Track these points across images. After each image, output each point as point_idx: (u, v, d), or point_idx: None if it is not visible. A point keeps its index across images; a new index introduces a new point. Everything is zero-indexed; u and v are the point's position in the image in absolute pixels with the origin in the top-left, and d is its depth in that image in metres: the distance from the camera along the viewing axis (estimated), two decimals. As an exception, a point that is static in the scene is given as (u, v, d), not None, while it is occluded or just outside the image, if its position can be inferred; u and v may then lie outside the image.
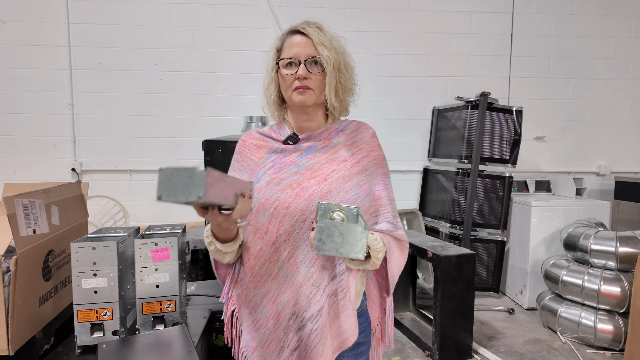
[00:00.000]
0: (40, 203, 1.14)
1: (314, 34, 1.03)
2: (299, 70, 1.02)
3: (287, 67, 1.04)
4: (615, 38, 3.86)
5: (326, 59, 1.02)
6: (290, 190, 1.02)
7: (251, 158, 1.13)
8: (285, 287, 1.02)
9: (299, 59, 1.03)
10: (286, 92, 1.07)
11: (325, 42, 1.03)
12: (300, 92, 1.04)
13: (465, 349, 2.48)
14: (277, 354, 1.03)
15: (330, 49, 1.03)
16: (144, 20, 3.45)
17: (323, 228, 0.85)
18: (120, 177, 3.54)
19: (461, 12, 3.72)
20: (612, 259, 2.61)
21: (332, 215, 0.94)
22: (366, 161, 1.10)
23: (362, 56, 3.57)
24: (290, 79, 1.04)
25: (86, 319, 1.12)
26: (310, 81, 1.03)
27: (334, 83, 1.04)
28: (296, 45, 1.03)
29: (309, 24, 1.05)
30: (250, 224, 1.05)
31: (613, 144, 3.96)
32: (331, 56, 1.02)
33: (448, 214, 3.53)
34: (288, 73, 1.04)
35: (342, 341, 1.03)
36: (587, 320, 2.63)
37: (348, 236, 0.85)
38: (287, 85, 1.05)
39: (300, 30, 1.05)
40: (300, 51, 1.03)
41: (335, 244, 0.86)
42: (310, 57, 1.03)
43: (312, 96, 1.05)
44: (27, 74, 3.40)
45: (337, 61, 1.04)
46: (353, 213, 0.94)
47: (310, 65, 1.03)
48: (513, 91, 3.83)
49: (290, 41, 1.05)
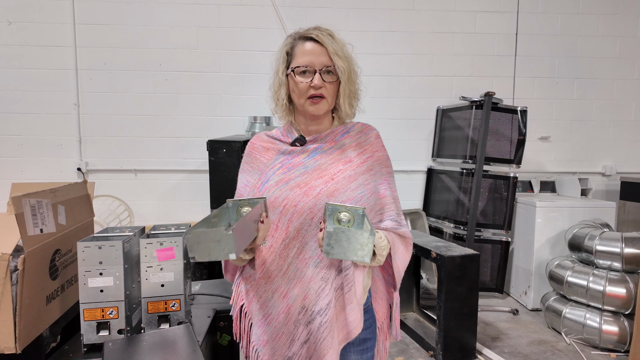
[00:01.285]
0: (47, 203, 1.15)
1: (329, 43, 1.05)
2: (315, 80, 1.05)
3: (301, 74, 1.07)
4: (621, 37, 3.83)
5: (341, 70, 1.05)
6: (298, 190, 1.06)
7: (260, 160, 1.16)
8: (295, 282, 1.05)
9: (314, 68, 1.05)
10: (299, 99, 1.09)
11: (339, 52, 1.06)
12: (314, 102, 1.07)
13: (469, 350, 2.47)
14: (288, 347, 1.06)
15: (343, 58, 1.06)
16: (149, 21, 3.47)
17: (332, 233, 0.87)
18: (125, 177, 3.57)
19: (466, 11, 3.71)
20: (617, 260, 2.59)
21: (339, 215, 0.98)
22: (371, 161, 1.14)
23: (366, 56, 3.57)
24: (304, 86, 1.06)
25: (92, 318, 1.13)
26: (324, 90, 1.06)
27: (348, 92, 1.08)
28: (310, 53, 1.06)
29: (322, 31, 1.07)
30: None
31: (619, 144, 3.94)
32: (345, 66, 1.06)
33: (452, 214, 3.52)
34: (302, 81, 1.06)
35: (348, 333, 1.06)
36: (592, 322, 2.61)
37: (355, 241, 0.88)
38: (301, 92, 1.07)
39: (314, 37, 1.06)
40: (315, 60, 1.05)
41: (343, 248, 0.88)
42: (325, 67, 1.05)
43: (325, 105, 1.09)
44: (34, 75, 3.42)
45: (349, 70, 1.07)
46: (359, 213, 0.98)
47: (324, 75, 1.06)
48: (518, 91, 3.82)
49: (303, 48, 1.07)
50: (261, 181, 1.11)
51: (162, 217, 3.59)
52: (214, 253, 0.78)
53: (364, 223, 0.96)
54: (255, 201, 1.03)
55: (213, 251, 0.78)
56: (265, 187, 1.09)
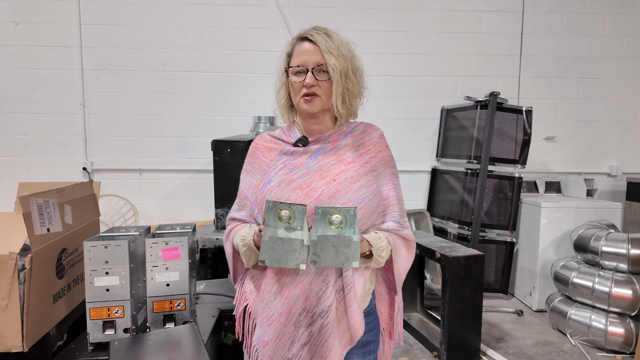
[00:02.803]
0: (54, 202, 1.16)
1: (322, 41, 1.06)
2: (306, 78, 1.06)
3: (296, 74, 1.08)
4: (628, 37, 3.80)
5: (333, 67, 1.05)
6: (300, 191, 1.06)
7: (263, 160, 1.16)
8: (297, 282, 1.04)
9: (307, 66, 1.06)
10: (295, 98, 1.11)
11: (333, 50, 1.05)
12: (307, 100, 1.08)
13: (473, 351, 2.46)
14: (288, 348, 1.05)
15: (337, 56, 1.06)
16: (154, 21, 3.49)
17: (316, 242, 0.87)
18: (130, 177, 3.58)
19: (471, 11, 3.69)
20: (623, 261, 2.57)
21: (331, 217, 0.96)
22: (374, 162, 1.13)
23: (370, 56, 3.57)
24: (298, 86, 1.08)
25: (98, 317, 1.13)
26: (317, 88, 1.07)
27: (341, 90, 1.07)
28: (304, 53, 1.07)
29: (317, 31, 1.08)
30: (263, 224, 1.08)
31: (625, 145, 3.91)
32: (338, 64, 1.05)
33: (456, 214, 3.51)
34: (296, 80, 1.08)
35: (351, 337, 1.06)
36: (598, 323, 2.60)
37: (341, 247, 0.88)
38: (296, 91, 1.09)
39: (308, 37, 1.08)
40: (308, 59, 1.07)
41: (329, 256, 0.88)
42: (317, 65, 1.06)
43: (319, 103, 1.09)
44: (40, 75, 3.45)
45: (345, 68, 1.07)
46: (350, 213, 0.96)
47: (317, 73, 1.07)
48: (523, 91, 3.80)
49: (300, 48, 1.09)
50: (263, 182, 1.11)
51: (167, 216, 3.60)
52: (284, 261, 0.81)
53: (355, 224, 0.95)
54: (297, 207, 0.98)
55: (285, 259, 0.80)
56: (268, 188, 1.09)
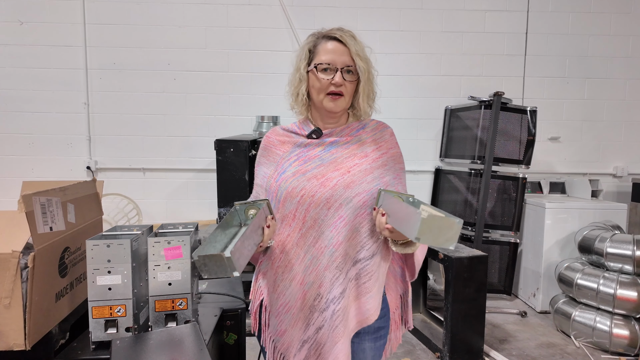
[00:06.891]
0: (57, 201, 1.17)
1: (351, 43, 1.11)
2: (336, 77, 1.10)
3: (323, 71, 1.11)
4: (634, 37, 3.77)
5: (362, 70, 1.11)
6: (315, 180, 1.10)
7: (276, 153, 1.20)
8: (311, 269, 1.09)
9: (336, 66, 1.10)
10: (318, 95, 1.13)
11: (360, 53, 1.11)
12: (333, 99, 1.11)
13: (476, 352, 2.45)
14: (304, 330, 1.10)
15: (363, 59, 1.11)
16: (158, 21, 3.49)
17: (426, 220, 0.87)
18: (134, 176, 3.59)
19: (475, 10, 3.68)
20: (628, 262, 2.55)
21: None
22: (386, 157, 1.18)
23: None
24: (325, 83, 1.11)
25: (100, 315, 1.13)
26: (344, 88, 1.11)
27: (367, 91, 1.14)
28: (332, 52, 1.11)
29: (344, 32, 1.13)
30: (278, 212, 1.13)
31: (631, 145, 3.88)
32: (365, 66, 1.11)
33: (460, 215, 3.49)
34: (324, 77, 1.11)
35: (360, 321, 1.11)
36: (602, 325, 2.58)
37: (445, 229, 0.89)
38: (321, 88, 1.12)
39: (337, 37, 1.11)
40: (337, 59, 1.10)
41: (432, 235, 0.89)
42: (346, 66, 1.10)
43: (343, 103, 1.13)
44: (44, 74, 3.46)
45: (368, 71, 1.13)
46: (409, 201, 1.04)
47: (344, 74, 1.11)
48: (527, 91, 3.78)
49: (326, 46, 1.12)
50: (277, 172, 1.14)
51: (170, 215, 3.61)
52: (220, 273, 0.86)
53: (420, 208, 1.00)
54: (260, 203, 1.05)
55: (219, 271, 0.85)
56: (282, 178, 1.12)
